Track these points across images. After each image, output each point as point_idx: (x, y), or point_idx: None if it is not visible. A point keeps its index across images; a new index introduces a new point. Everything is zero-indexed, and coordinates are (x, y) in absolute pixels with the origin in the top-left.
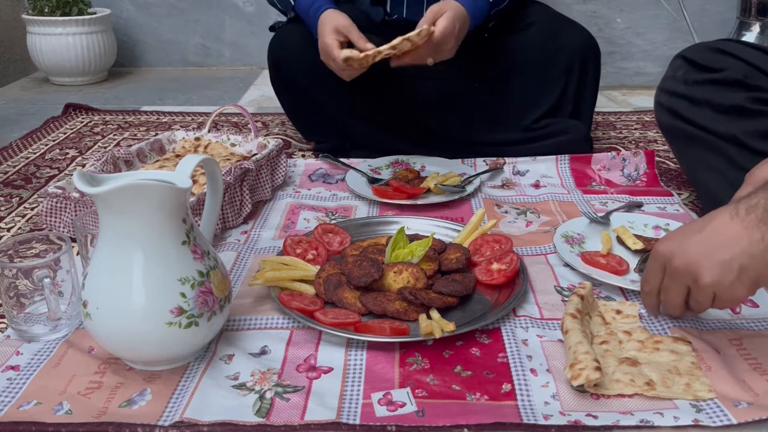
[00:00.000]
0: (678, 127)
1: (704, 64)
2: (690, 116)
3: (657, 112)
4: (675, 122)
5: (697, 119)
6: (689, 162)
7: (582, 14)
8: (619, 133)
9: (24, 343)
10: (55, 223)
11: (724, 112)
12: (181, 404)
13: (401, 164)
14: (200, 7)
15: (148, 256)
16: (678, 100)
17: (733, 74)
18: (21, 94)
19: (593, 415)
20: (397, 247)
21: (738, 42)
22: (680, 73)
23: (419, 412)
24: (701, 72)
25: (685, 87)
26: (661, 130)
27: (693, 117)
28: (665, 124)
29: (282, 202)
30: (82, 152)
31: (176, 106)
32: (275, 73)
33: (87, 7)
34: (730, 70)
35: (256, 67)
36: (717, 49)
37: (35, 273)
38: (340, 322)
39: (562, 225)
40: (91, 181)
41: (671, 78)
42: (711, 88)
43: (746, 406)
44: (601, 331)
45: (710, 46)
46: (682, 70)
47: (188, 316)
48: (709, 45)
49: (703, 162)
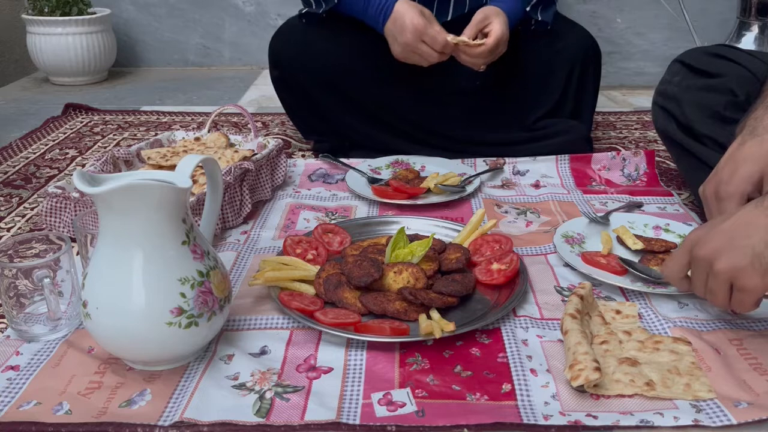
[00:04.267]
0: (674, 131)
1: (701, 68)
2: (685, 121)
3: (654, 116)
4: (671, 126)
5: (693, 124)
6: (686, 165)
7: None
8: (619, 133)
9: (24, 343)
10: (55, 223)
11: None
12: (181, 404)
13: (401, 164)
14: (200, 7)
15: (148, 256)
16: (674, 104)
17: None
18: (21, 94)
19: (593, 416)
20: (397, 247)
21: (735, 48)
22: (677, 78)
23: (419, 412)
24: (698, 77)
25: (681, 91)
26: (659, 133)
27: (688, 122)
28: (662, 128)
29: (282, 202)
30: (82, 152)
31: (176, 106)
32: (276, 72)
33: (87, 7)
34: (726, 76)
35: (256, 67)
36: (714, 54)
37: (35, 273)
38: (340, 322)
39: (562, 225)
40: (91, 181)
41: (668, 82)
42: (705, 94)
43: (746, 406)
44: (601, 331)
45: (708, 51)
46: (679, 75)
47: (188, 316)
48: (707, 50)
49: (699, 166)
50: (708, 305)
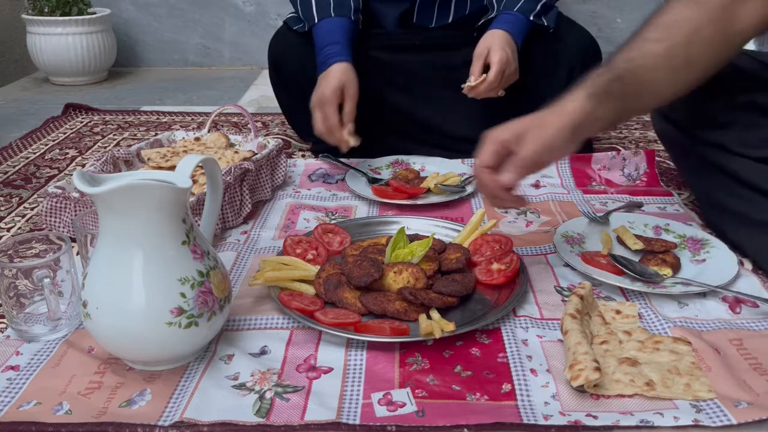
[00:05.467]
0: (671, 132)
1: None
2: (682, 122)
3: (652, 117)
4: (668, 128)
5: (688, 125)
6: (685, 168)
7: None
8: (619, 133)
9: (24, 343)
10: (55, 223)
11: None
12: (181, 404)
13: (401, 164)
14: (200, 7)
15: (148, 256)
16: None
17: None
18: (21, 94)
19: (593, 416)
20: (397, 247)
21: None
22: None
23: (419, 412)
24: None
25: None
26: (658, 135)
27: (684, 123)
28: (660, 130)
29: (282, 202)
30: (82, 152)
31: (176, 106)
32: (275, 73)
33: (87, 7)
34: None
35: (256, 67)
36: None
37: (35, 273)
38: (340, 322)
39: (562, 225)
40: (91, 181)
41: None
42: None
43: (746, 406)
44: (601, 331)
45: None
46: None
47: (188, 316)
48: None
49: (697, 168)
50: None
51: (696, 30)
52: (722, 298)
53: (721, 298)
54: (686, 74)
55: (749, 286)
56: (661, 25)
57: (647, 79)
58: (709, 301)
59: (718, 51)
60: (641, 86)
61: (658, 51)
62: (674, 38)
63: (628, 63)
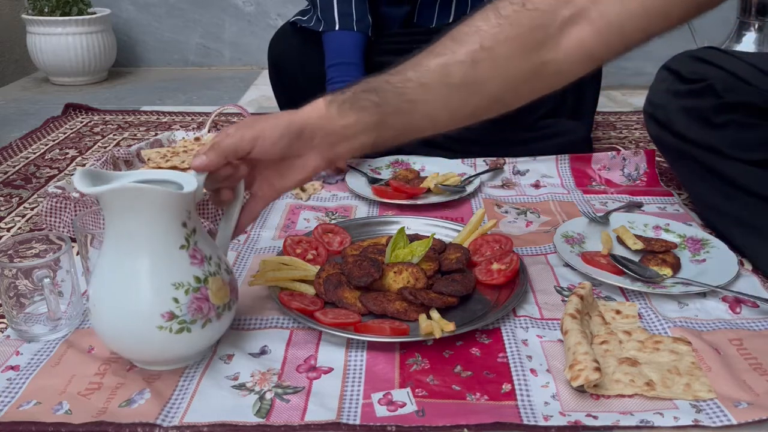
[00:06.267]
0: (666, 137)
1: (686, 74)
2: (675, 127)
3: (646, 123)
4: (663, 133)
5: (682, 130)
6: (680, 171)
7: None
8: (619, 133)
9: (24, 343)
10: (55, 223)
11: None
12: (181, 405)
13: (401, 164)
14: (200, 7)
15: (143, 258)
16: (663, 111)
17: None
18: (21, 94)
19: (593, 416)
20: (397, 247)
21: (719, 50)
22: (665, 85)
23: (419, 412)
24: (684, 83)
25: (668, 98)
26: (653, 140)
27: (678, 128)
28: (654, 135)
29: (282, 202)
30: (82, 152)
31: (176, 106)
32: (275, 73)
33: (87, 7)
34: (709, 80)
35: (256, 67)
36: (698, 58)
37: (35, 273)
38: (340, 322)
39: (562, 225)
40: (96, 177)
41: (656, 89)
42: (691, 99)
43: (746, 406)
44: (601, 331)
45: (693, 56)
46: (666, 82)
47: (179, 322)
48: (692, 54)
49: (692, 171)
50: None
51: (487, 47)
52: (722, 298)
53: (721, 298)
54: (466, 96)
55: (749, 286)
56: (450, 38)
57: (416, 96)
58: (709, 301)
59: (516, 75)
60: (409, 103)
61: (434, 66)
62: (456, 54)
63: (394, 75)
